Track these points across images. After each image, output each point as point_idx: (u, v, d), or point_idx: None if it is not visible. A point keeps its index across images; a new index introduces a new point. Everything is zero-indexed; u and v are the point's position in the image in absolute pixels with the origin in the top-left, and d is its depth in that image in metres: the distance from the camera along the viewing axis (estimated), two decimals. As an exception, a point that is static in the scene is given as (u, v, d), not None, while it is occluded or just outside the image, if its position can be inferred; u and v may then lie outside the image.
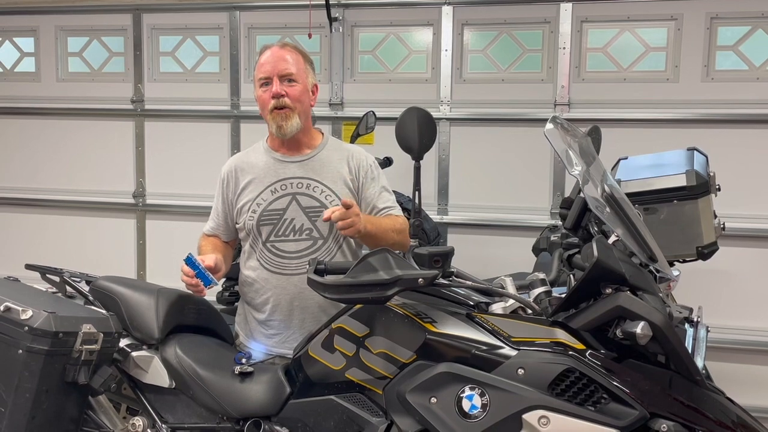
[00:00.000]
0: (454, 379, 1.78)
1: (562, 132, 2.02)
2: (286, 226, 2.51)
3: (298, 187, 2.54)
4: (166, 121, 4.67)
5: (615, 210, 1.92)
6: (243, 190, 2.58)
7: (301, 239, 2.51)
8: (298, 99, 2.52)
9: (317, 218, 2.50)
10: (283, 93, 2.49)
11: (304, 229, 2.51)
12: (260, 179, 2.56)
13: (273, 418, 2.11)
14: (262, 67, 2.53)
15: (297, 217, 2.51)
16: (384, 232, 2.46)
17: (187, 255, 2.27)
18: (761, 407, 3.45)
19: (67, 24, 4.80)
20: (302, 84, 2.54)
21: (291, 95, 2.50)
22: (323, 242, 2.51)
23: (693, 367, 1.73)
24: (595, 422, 1.66)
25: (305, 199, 2.52)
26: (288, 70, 2.51)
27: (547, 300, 1.91)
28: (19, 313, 2.02)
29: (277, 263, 2.52)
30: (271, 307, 2.53)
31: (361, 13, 4.36)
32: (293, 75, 2.52)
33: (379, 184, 2.62)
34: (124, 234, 4.76)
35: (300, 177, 2.55)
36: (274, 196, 2.53)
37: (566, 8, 4.03)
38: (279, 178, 2.55)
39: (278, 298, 2.52)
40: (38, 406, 2.03)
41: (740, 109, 3.87)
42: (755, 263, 3.86)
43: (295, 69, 2.53)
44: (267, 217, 2.52)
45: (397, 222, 2.57)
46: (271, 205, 2.52)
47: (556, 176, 4.10)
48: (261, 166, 2.59)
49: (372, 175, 2.61)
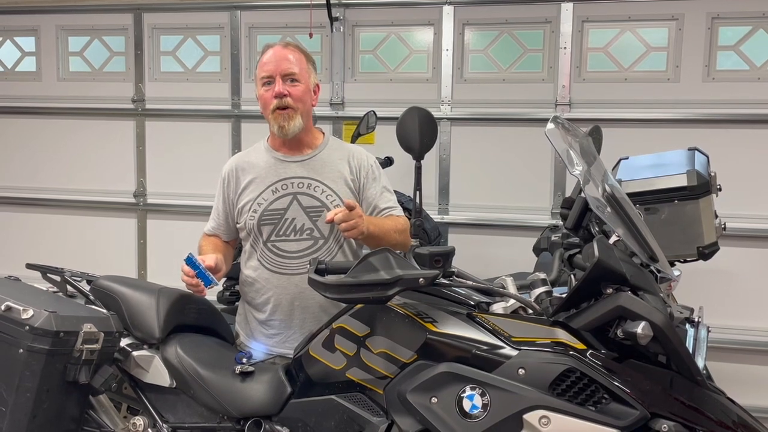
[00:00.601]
0: (454, 379, 1.78)
1: (563, 132, 2.02)
2: (287, 226, 2.51)
3: (299, 186, 2.53)
4: (166, 120, 4.67)
5: (616, 210, 1.92)
6: (244, 189, 2.58)
7: (302, 239, 2.51)
8: (300, 99, 2.52)
9: (318, 218, 2.50)
10: (286, 93, 2.49)
11: (305, 228, 2.51)
12: (261, 179, 2.56)
13: (274, 418, 2.11)
14: (265, 66, 2.53)
15: (298, 216, 2.51)
16: (386, 233, 2.46)
17: (188, 255, 2.27)
18: (762, 407, 3.45)
19: (68, 23, 4.81)
20: (304, 84, 2.54)
21: (293, 95, 2.50)
22: (324, 242, 2.51)
23: (694, 368, 1.73)
24: (595, 422, 1.66)
25: (306, 199, 2.52)
26: (291, 70, 2.51)
27: (548, 300, 1.92)
28: (20, 312, 2.02)
29: (277, 263, 2.52)
30: (272, 307, 2.53)
31: (362, 13, 4.36)
32: (296, 75, 2.51)
33: (380, 184, 2.62)
34: (125, 233, 4.76)
35: (301, 177, 2.55)
36: (275, 196, 2.53)
37: (567, 8, 4.03)
38: (280, 177, 2.55)
39: (279, 298, 2.52)
40: (39, 405, 2.03)
41: (741, 109, 3.86)
42: (756, 263, 3.86)
43: (298, 69, 2.52)
44: (268, 216, 2.52)
45: (398, 222, 2.57)
46: (272, 204, 2.52)
47: (557, 176, 4.09)
48: (262, 165, 2.59)
49: (373, 175, 2.61)
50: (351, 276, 1.78)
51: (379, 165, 2.69)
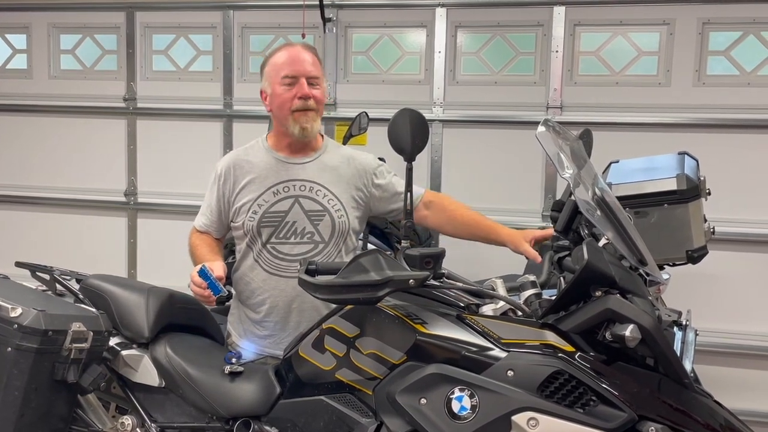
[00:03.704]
0: (443, 380, 1.78)
1: (553, 135, 2.02)
2: (287, 229, 2.49)
3: (301, 189, 2.52)
4: (158, 119, 4.67)
5: (606, 213, 1.92)
6: (242, 189, 2.54)
7: (302, 242, 2.49)
8: (321, 102, 2.53)
9: (319, 222, 2.49)
10: (311, 95, 2.48)
11: (306, 232, 2.49)
12: (261, 179, 2.53)
13: (263, 418, 2.11)
14: (288, 66, 2.49)
15: (299, 220, 2.49)
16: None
17: (201, 267, 2.26)
18: (749, 410, 3.48)
19: (60, 21, 4.79)
20: (323, 87, 2.55)
21: (316, 98, 2.49)
22: (324, 246, 2.50)
23: (681, 371, 1.74)
24: (583, 424, 1.66)
25: (308, 203, 2.50)
26: (314, 73, 2.50)
27: (537, 302, 1.92)
28: (8, 310, 2.01)
29: (276, 265, 2.50)
30: (268, 308, 2.52)
31: (355, 14, 4.36)
32: (318, 78, 2.51)
33: (390, 174, 2.65)
34: (115, 232, 4.75)
35: (303, 180, 2.53)
36: (276, 198, 2.50)
37: (559, 12, 4.05)
38: (281, 179, 2.52)
39: (275, 300, 2.51)
40: (27, 404, 2.02)
41: (731, 114, 3.89)
42: (744, 267, 3.89)
43: (318, 72, 2.53)
44: (268, 218, 2.49)
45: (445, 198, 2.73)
46: (273, 206, 2.50)
47: (547, 179, 4.11)
48: (262, 165, 2.55)
49: (379, 170, 2.63)
50: (341, 277, 1.78)
51: (380, 160, 2.69)
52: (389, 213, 2.66)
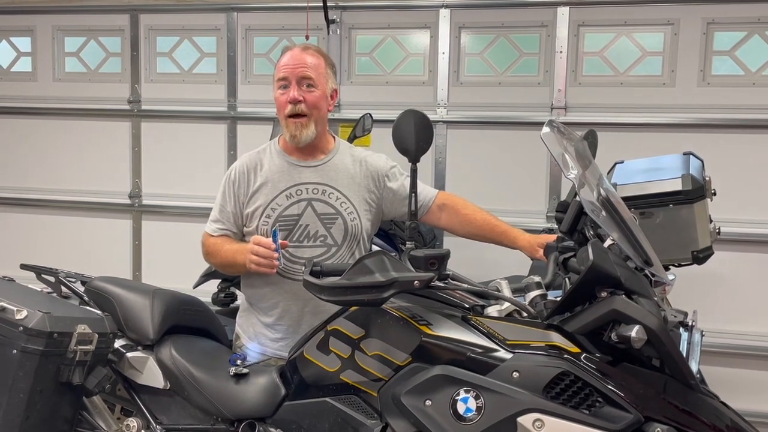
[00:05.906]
0: (449, 382, 1.78)
1: (558, 136, 2.02)
2: (300, 232, 2.48)
3: (313, 192, 2.51)
4: (162, 121, 4.67)
5: (611, 214, 1.92)
6: (255, 193, 2.52)
7: (315, 246, 2.49)
8: (315, 105, 2.48)
9: (332, 225, 2.49)
10: (301, 98, 2.45)
11: (319, 235, 2.49)
12: (274, 183, 2.52)
13: (267, 420, 2.11)
14: (282, 69, 2.48)
15: (312, 223, 2.48)
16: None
17: (274, 229, 2.30)
18: (756, 412, 3.46)
19: (65, 24, 4.80)
20: (321, 90, 2.50)
21: (308, 101, 2.46)
22: (337, 249, 2.50)
23: (687, 371, 1.74)
24: (589, 425, 1.65)
25: (320, 206, 2.49)
26: (307, 74, 2.46)
27: (543, 303, 1.91)
28: (14, 313, 2.01)
29: (289, 269, 2.48)
30: (281, 311, 2.51)
31: (359, 16, 4.36)
32: (312, 80, 2.47)
33: (403, 176, 2.63)
34: (120, 234, 4.75)
35: (315, 183, 2.51)
36: (289, 201, 2.49)
37: (563, 12, 4.04)
38: (294, 183, 2.51)
39: (288, 304, 2.50)
40: (32, 406, 2.02)
41: (736, 114, 3.88)
42: (750, 268, 3.87)
43: (315, 74, 2.48)
44: (282, 222, 2.47)
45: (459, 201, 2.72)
46: (286, 210, 2.49)
47: (552, 180, 4.10)
48: (274, 169, 2.54)
49: (391, 172, 2.62)
50: (346, 278, 1.78)
51: (392, 161, 2.68)
52: (402, 216, 2.63)
